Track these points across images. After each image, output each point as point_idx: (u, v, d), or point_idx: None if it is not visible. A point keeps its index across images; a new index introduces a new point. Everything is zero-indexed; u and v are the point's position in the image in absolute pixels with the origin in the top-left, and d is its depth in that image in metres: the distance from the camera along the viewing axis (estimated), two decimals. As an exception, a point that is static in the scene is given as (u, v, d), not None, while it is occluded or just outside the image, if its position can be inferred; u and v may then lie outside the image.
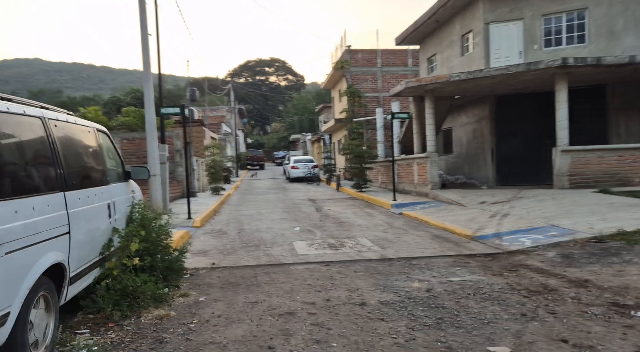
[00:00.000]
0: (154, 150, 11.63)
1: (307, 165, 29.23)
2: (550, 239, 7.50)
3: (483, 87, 14.80)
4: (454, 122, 19.23)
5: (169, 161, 18.46)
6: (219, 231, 10.25)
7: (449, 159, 19.77)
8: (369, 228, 10.07)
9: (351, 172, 20.12)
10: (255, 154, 53.50)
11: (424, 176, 15.12)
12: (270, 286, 5.49)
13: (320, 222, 11.35)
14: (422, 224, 10.50)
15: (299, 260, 6.95)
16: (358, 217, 12.11)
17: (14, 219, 2.99)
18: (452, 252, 7.28)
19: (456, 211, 11.51)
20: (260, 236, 9.29)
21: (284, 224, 11.11)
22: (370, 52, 30.31)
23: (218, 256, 7.36)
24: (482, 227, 9.04)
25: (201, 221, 11.27)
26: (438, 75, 13.82)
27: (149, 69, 11.68)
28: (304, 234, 9.49)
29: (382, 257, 7.04)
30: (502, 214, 10.11)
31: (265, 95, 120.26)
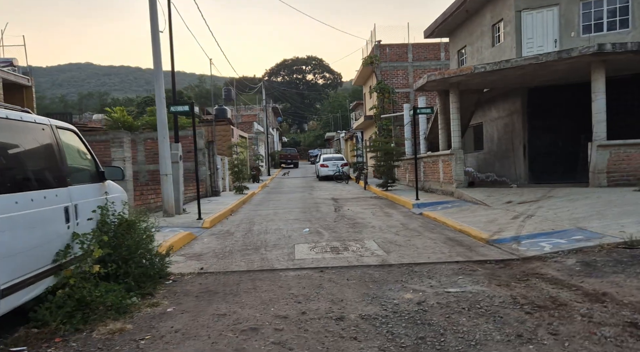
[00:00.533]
0: (165, 149, 11.48)
1: (336, 163, 28.76)
2: (574, 243, 6.75)
3: (512, 79, 13.90)
4: (485, 117, 18.29)
5: (192, 161, 18.45)
6: (226, 232, 9.96)
7: (480, 155, 18.84)
8: (382, 230, 9.52)
9: (377, 171, 19.50)
10: (289, 152, 53.40)
11: (449, 173, 14.38)
12: (249, 295, 5.09)
13: (334, 223, 10.89)
14: (439, 226, 9.87)
15: (292, 265, 6.52)
16: (375, 217, 11.57)
17: None
18: (460, 258, 6.67)
19: (479, 212, 10.78)
20: (266, 238, 8.93)
21: (296, 224, 10.72)
22: (401, 47, 29.50)
23: (211, 260, 7.04)
24: (501, 229, 8.34)
25: (212, 221, 11.03)
26: (462, 68, 13.07)
27: (159, 67, 11.54)
28: (311, 236, 9.06)
29: (382, 263, 6.52)
30: (527, 215, 9.34)
31: (302, 94, 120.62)
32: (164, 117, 11.64)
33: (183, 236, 8.68)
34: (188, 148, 18.64)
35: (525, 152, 15.58)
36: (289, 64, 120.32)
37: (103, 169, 5.58)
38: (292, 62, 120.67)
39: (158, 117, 11.62)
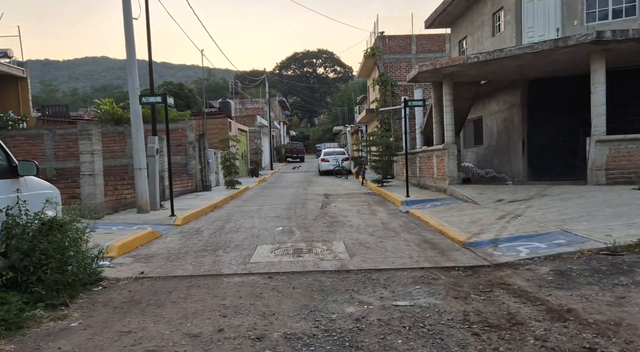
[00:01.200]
0: (139, 142, 11.02)
1: (337, 158, 28.16)
2: (553, 248, 6.14)
3: (510, 70, 13.18)
4: (484, 110, 17.55)
5: (182, 154, 18.04)
6: (195, 230, 9.48)
7: (479, 150, 18.12)
8: (359, 229, 8.97)
9: (372, 166, 18.89)
10: (295, 146, 52.90)
11: (442, 170, 13.74)
12: (174, 307, 4.59)
13: (313, 221, 10.36)
14: (420, 225, 9.29)
15: (242, 270, 6.00)
16: (358, 215, 11.01)
17: None
18: (427, 263, 6.09)
19: (466, 210, 10.16)
20: (232, 238, 8.43)
21: (272, 222, 10.21)
22: (404, 38, 28.74)
23: (159, 262, 6.55)
24: (482, 230, 7.73)
25: (185, 218, 10.56)
26: (454, 58, 12.38)
27: (133, 56, 11.07)
28: (282, 235, 8.54)
29: (340, 268, 5.97)
30: (514, 215, 8.70)
31: (312, 87, 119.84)
32: (138, 109, 11.18)
33: (143, 234, 8.21)
34: (179, 141, 18.25)
35: (524, 147, 14.86)
36: (299, 58, 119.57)
37: (16, 164, 5.10)
38: (303, 56, 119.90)
39: (131, 108, 11.17)
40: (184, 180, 16.90)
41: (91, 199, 10.08)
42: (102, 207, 10.37)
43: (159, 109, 19.73)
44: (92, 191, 10.08)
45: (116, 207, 11.43)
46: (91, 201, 10.09)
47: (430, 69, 12.80)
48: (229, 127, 25.50)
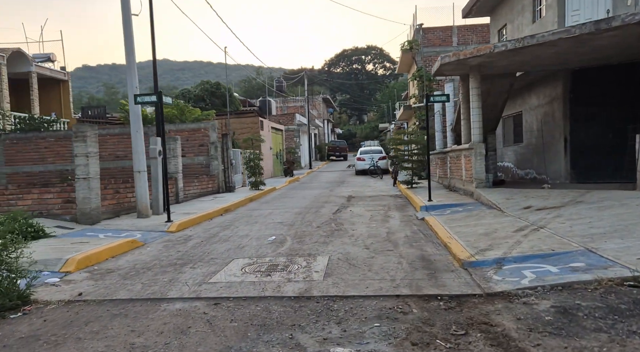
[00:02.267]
0: (138, 144, 10.59)
1: (373, 156, 27.05)
2: (565, 274, 4.98)
3: (546, 59, 11.71)
4: (524, 105, 15.98)
5: (205, 155, 17.67)
6: (184, 238, 8.87)
7: (519, 149, 16.54)
8: (357, 240, 8.03)
9: (403, 166, 17.75)
10: (338, 144, 51.96)
11: (470, 171, 12.47)
12: (70, 348, 3.89)
13: (316, 229, 9.52)
14: (429, 236, 8.23)
15: (190, 293, 5.26)
16: (367, 222, 10.06)
17: None
18: (407, 289, 5.10)
19: (486, 219, 8.95)
20: (214, 249, 7.74)
21: (270, 230, 9.46)
22: (445, 30, 27.18)
23: (112, 280, 5.93)
24: (491, 246, 6.60)
25: (181, 225, 9.99)
26: (480, 47, 11.08)
27: (132, 54, 10.64)
28: (268, 246, 7.76)
29: (302, 293, 5.10)
30: (536, 227, 7.47)
31: (361, 84, 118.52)
32: (137, 109, 10.74)
33: (118, 244, 7.67)
34: (201, 141, 17.90)
35: (567, 145, 13.27)
36: (348, 55, 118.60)
37: None
38: (352, 52, 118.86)
39: (130, 109, 10.75)
40: (203, 181, 16.49)
41: (86, 204, 9.73)
42: (98, 212, 9.99)
43: (183, 109, 19.51)
44: (87, 195, 9.72)
45: (118, 211, 11.07)
46: (86, 205, 9.73)
47: (453, 60, 11.57)
48: (260, 126, 25.03)
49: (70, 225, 9.53)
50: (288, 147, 30.36)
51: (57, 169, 18.18)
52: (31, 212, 9.84)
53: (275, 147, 28.99)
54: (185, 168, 17.68)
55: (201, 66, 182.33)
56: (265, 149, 26.11)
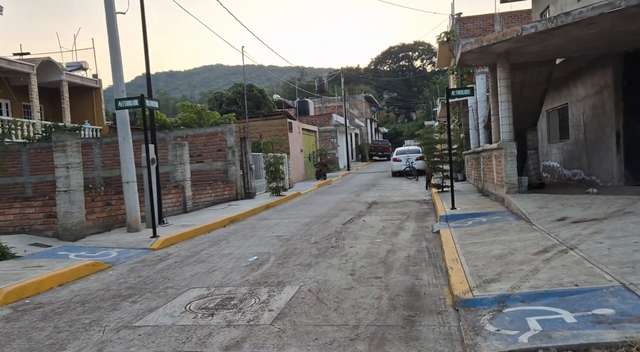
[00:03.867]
0: (126, 152, 9.84)
1: (409, 157, 25.48)
2: (583, 329, 3.58)
3: (589, 41, 9.96)
4: (570, 97, 14.06)
5: (222, 160, 16.92)
6: (161, 258, 7.97)
7: (565, 146, 14.61)
8: (346, 262, 6.83)
9: (432, 168, 16.24)
10: (380, 144, 50.27)
11: (500, 174, 10.89)
12: None
13: (312, 244, 8.40)
14: (434, 256, 6.92)
15: (91, 347, 4.26)
16: (373, 237, 8.80)
17: None
18: (363, 346, 3.87)
19: (508, 234, 7.47)
20: (181, 273, 6.78)
21: (260, 247, 8.42)
22: (486, 18, 25.15)
23: (27, 320, 5.03)
24: (500, 274, 5.22)
25: (167, 241, 9.12)
26: (506, 31, 9.51)
27: (117, 56, 9.92)
28: (240, 271, 6.71)
29: (228, 349, 3.99)
30: (564, 248, 5.98)
31: (409, 81, 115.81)
32: (124, 115, 10.00)
33: (77, 268, 6.83)
34: (219, 146, 17.20)
35: (619, 141, 11.37)
36: (394, 52, 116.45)
37: None
38: (399, 49, 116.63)
39: (117, 114, 10.02)
40: (217, 188, 15.72)
41: (67, 219, 9.07)
42: (82, 227, 9.32)
43: (200, 113, 18.87)
44: (68, 210, 9.06)
45: (110, 224, 10.39)
46: (67, 220, 9.07)
47: (476, 48, 10.04)
48: (288, 128, 24.10)
49: (50, 242, 8.89)
50: (321, 149, 29.23)
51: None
52: (13, 228, 9.31)
53: (308, 149, 27.99)
54: (203, 174, 17.02)
55: (253, 70, 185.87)
56: (295, 151, 25.18)
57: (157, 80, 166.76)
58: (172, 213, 12.91)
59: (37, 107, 21.13)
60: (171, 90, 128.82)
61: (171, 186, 13.05)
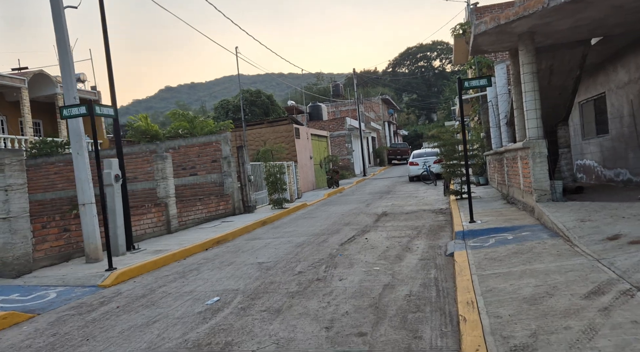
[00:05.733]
0: (80, 169, 8.42)
1: (426, 160, 23.59)
2: None
3: (634, 11, 8.10)
4: (608, 84, 12.10)
5: (217, 172, 15.46)
6: (109, 298, 6.45)
7: (604, 143, 12.62)
8: (325, 308, 5.18)
9: (449, 172, 14.44)
10: (399, 147, 48.32)
11: (528, 178, 9.06)
12: None
13: (295, 276, 6.77)
14: (444, 294, 5.19)
15: None
16: (374, 262, 7.13)
17: None
18: None
19: (541, 260, 5.67)
20: (106, 328, 5.23)
21: (231, 281, 6.83)
22: (505, 7, 23.15)
23: None
24: (535, 336, 3.50)
25: (125, 274, 7.59)
26: (527, 4, 7.76)
27: (67, 55, 8.51)
28: (184, 323, 5.12)
29: None
30: (627, 288, 4.22)
31: (428, 82, 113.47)
32: (78, 125, 8.56)
33: (-22, 323, 5.34)
34: (213, 156, 15.75)
35: (673, 133, 9.43)
36: (413, 52, 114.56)
37: None
38: (417, 50, 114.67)
39: (69, 125, 8.60)
40: (210, 203, 14.22)
41: (7, 251, 7.64)
42: (27, 260, 7.89)
43: (193, 121, 17.46)
44: (9, 241, 7.64)
45: (69, 254, 8.94)
46: (7, 254, 7.64)
47: (492, 27, 8.27)
48: (295, 134, 22.51)
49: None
50: (332, 155, 27.59)
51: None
52: (-51, 263, 7.91)
53: (318, 155, 26.36)
54: (197, 188, 15.59)
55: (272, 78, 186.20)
56: (304, 158, 23.59)
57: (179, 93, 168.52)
58: (153, 235, 11.45)
59: (29, 122, 20.12)
60: (192, 102, 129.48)
61: (151, 205, 11.59)
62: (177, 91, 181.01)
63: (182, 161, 15.83)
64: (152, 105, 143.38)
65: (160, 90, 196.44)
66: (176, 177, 15.64)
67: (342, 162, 31.60)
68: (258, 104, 29.12)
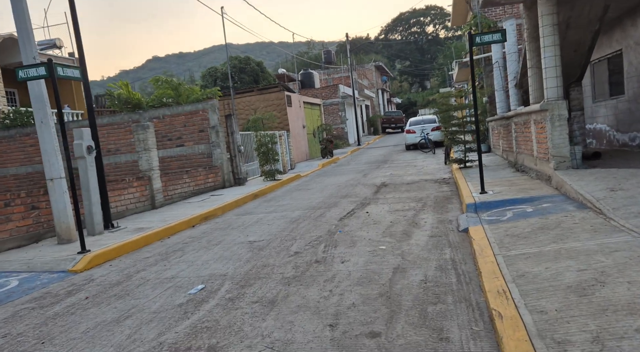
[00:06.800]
0: (46, 140, 7.48)
1: (424, 128, 22.73)
2: None
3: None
4: (626, 40, 11.18)
5: (205, 142, 14.53)
6: (79, 286, 5.65)
7: (619, 104, 11.79)
8: (328, 297, 4.42)
9: (450, 140, 13.59)
10: (393, 115, 47.25)
11: (544, 144, 8.25)
12: None
13: (291, 257, 5.99)
14: (465, 282, 4.43)
15: None
16: (379, 240, 6.36)
17: None
18: None
19: (575, 237, 4.91)
20: (70, 326, 4.44)
21: (219, 264, 6.03)
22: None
23: None
24: (598, 341, 2.72)
25: (100, 256, 6.78)
26: (552, -58, 6.77)
27: (22, 7, 7.42)
28: (163, 318, 4.34)
29: None
30: (697, 272, 3.44)
31: (422, 49, 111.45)
32: (40, 90, 7.56)
33: None
34: (200, 126, 14.78)
35: (701, 93, 8.59)
36: (406, 18, 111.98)
37: None
38: (410, 15, 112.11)
39: (30, 89, 7.59)
40: (198, 176, 13.34)
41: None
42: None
43: (177, 88, 16.38)
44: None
45: (38, 234, 8.09)
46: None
47: (509, -28, 7.30)
48: (287, 102, 21.45)
49: (-58, 266, 6.61)
50: (326, 124, 26.60)
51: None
52: None
53: (311, 124, 25.36)
54: (184, 160, 14.69)
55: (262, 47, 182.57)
56: (297, 127, 22.62)
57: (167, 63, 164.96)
58: (136, 211, 10.61)
59: (1, 91, 18.85)
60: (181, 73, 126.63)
61: (132, 178, 10.70)
62: (166, 61, 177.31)
63: (168, 131, 14.84)
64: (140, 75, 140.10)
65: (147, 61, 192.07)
66: (161, 149, 14.70)
67: (336, 131, 30.65)
68: (247, 72, 27.87)
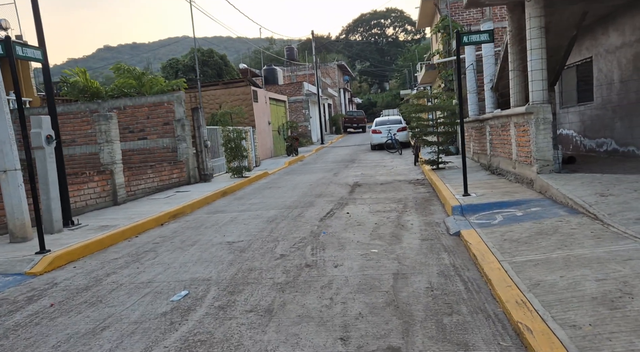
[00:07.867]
0: (1, 128, 6.68)
1: (390, 128, 22.74)
2: None
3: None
4: (596, 48, 11.42)
5: (170, 136, 13.82)
6: (40, 291, 5.05)
7: (587, 111, 12.05)
8: (330, 306, 4.09)
9: (420, 141, 13.52)
10: (355, 115, 47.29)
11: (526, 148, 8.22)
12: None
13: (277, 260, 5.59)
14: (476, 288, 4.17)
15: None
16: (368, 243, 6.05)
17: None
18: None
19: (579, 244, 4.79)
20: (36, 341, 3.90)
21: (199, 267, 5.56)
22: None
23: None
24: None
25: (62, 257, 6.15)
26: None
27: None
28: (147, 330, 3.87)
29: None
30: None
31: (382, 50, 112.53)
32: (-4, 76, 6.80)
33: None
34: (165, 119, 14.05)
35: (673, 102, 8.83)
36: (367, 19, 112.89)
37: None
38: (370, 16, 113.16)
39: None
40: (163, 171, 12.65)
41: None
42: None
43: (140, 78, 15.56)
44: None
45: (-10, 231, 7.31)
46: None
47: (501, -29, 7.19)
48: (253, 97, 20.88)
49: None
50: (292, 121, 26.18)
51: None
52: None
53: (277, 121, 24.89)
54: (147, 153, 13.92)
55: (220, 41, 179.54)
56: (262, 123, 22.09)
57: (119, 53, 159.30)
58: (97, 207, 9.88)
59: (-57, 75, 17.31)
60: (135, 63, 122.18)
61: (93, 172, 9.95)
62: (118, 51, 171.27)
63: (129, 123, 14.02)
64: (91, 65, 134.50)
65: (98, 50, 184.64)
66: (122, 141, 13.85)
67: (300, 129, 30.28)
68: (210, 65, 27.03)
